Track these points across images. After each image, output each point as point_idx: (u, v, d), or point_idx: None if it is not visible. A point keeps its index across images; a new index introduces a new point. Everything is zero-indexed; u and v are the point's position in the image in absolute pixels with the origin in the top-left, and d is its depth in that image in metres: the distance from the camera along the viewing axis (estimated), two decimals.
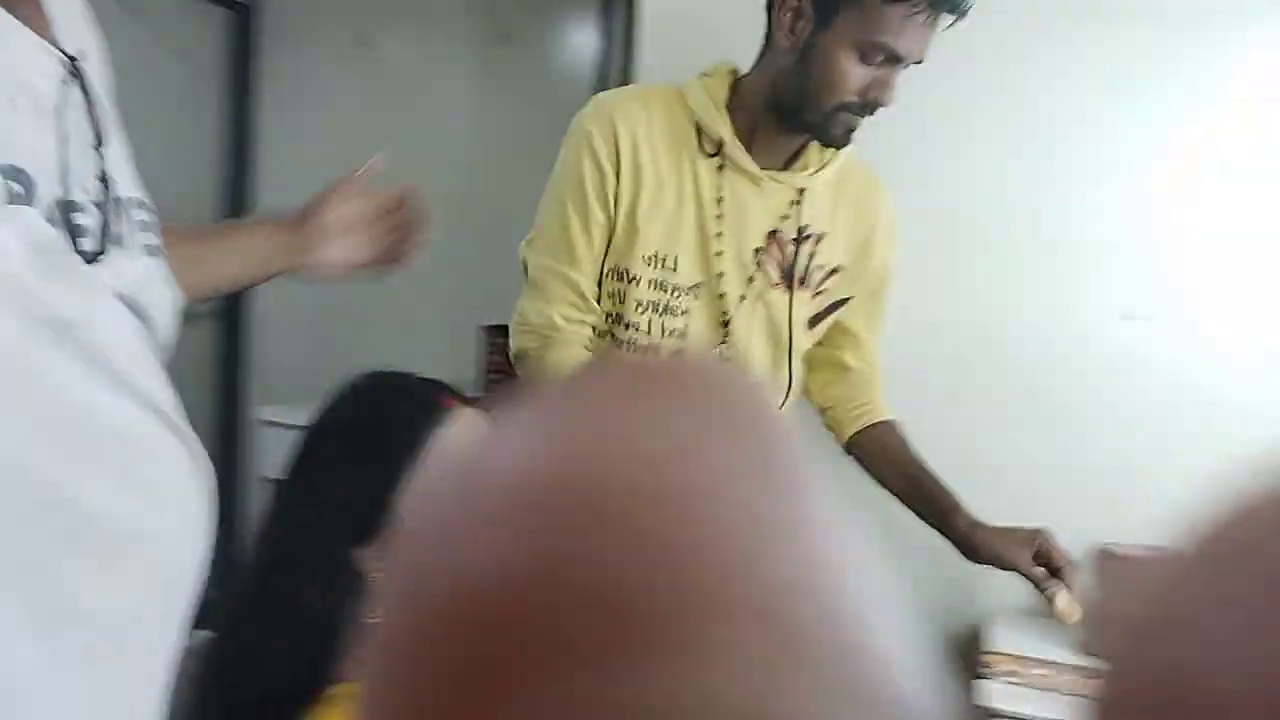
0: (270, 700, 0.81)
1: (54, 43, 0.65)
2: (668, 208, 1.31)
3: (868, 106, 1.23)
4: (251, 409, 2.81)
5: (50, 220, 0.60)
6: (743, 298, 1.37)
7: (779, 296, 1.39)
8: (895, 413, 1.48)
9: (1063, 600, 1.24)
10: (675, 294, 1.34)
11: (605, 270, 1.34)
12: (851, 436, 1.49)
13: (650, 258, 1.32)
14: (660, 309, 1.34)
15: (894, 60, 1.20)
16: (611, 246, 1.33)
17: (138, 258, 0.68)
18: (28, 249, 0.57)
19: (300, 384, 2.79)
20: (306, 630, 0.81)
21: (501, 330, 2.58)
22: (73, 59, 0.65)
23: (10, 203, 0.57)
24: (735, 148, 1.31)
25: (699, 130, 1.31)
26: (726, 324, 1.37)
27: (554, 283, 1.33)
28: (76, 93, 0.65)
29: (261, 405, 2.72)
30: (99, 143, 0.66)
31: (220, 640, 0.84)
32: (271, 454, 2.63)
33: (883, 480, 1.44)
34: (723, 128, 1.30)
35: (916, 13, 1.16)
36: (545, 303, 1.33)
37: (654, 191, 1.31)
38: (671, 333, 1.34)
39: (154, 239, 0.71)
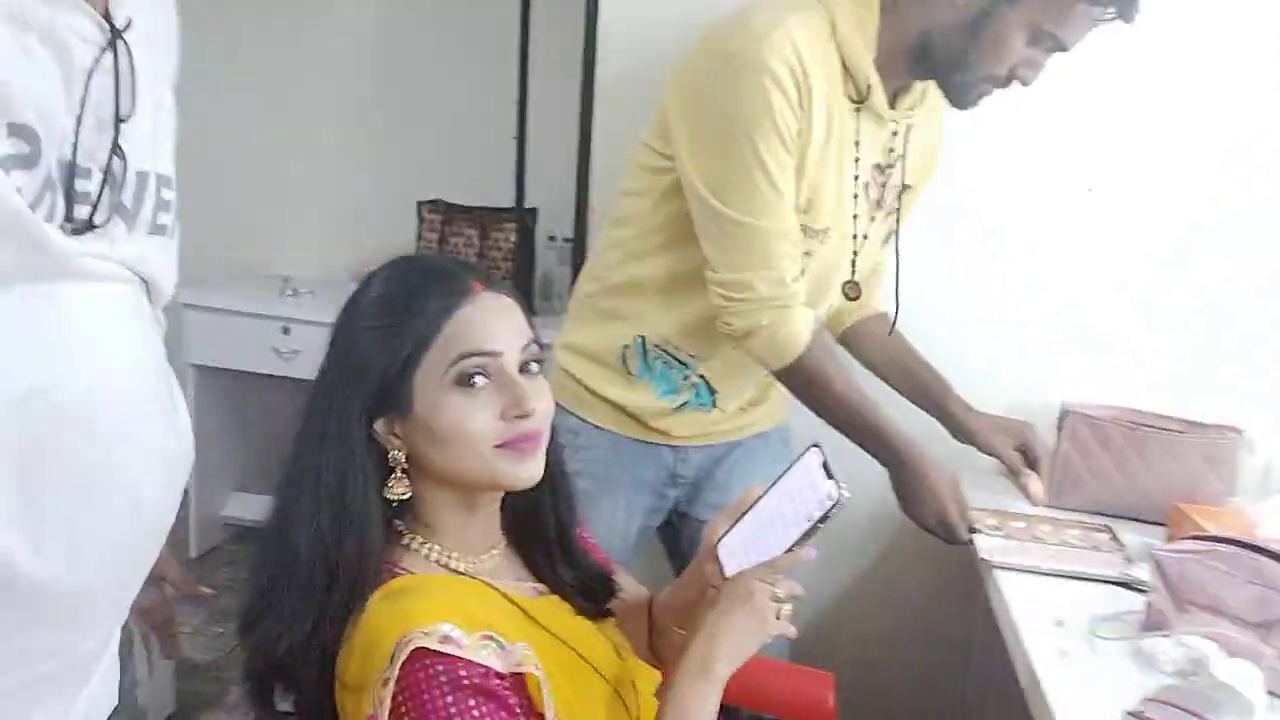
0: (298, 589, 0.85)
1: (106, 11, 0.64)
2: (816, 153, 1.26)
3: (1008, 81, 1.23)
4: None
5: (49, 182, 0.59)
6: (866, 236, 1.38)
7: (874, 224, 1.40)
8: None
9: (1034, 488, 1.48)
10: (808, 238, 1.30)
11: None
12: (845, 329, 1.55)
13: (799, 203, 1.27)
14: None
15: (1057, 49, 1.21)
16: None
17: (142, 232, 0.68)
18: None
19: (224, 266, 2.80)
20: (322, 502, 0.86)
21: (432, 204, 2.65)
22: (115, 29, 0.64)
23: (12, 159, 0.57)
24: (879, 95, 1.27)
25: (844, 67, 1.25)
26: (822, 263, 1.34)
27: (772, 241, 1.24)
28: (109, 61, 0.64)
29: (183, 288, 2.65)
30: (120, 115, 0.65)
31: (269, 515, 0.90)
32: (190, 337, 2.61)
33: (875, 369, 1.52)
34: (872, 75, 1.25)
35: (1104, 16, 1.17)
36: (769, 267, 1.24)
37: (816, 137, 1.24)
38: (795, 279, 1.28)
39: (169, 217, 0.71)
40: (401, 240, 2.65)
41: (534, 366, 0.91)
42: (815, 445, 0.96)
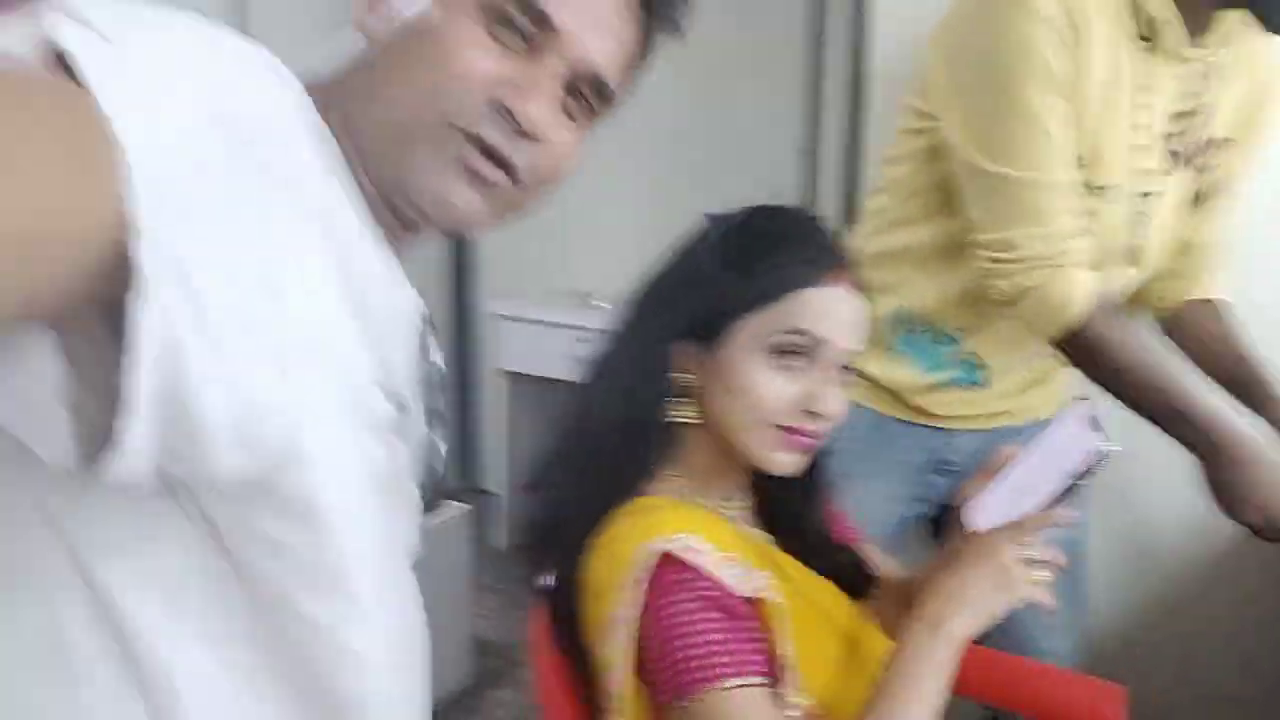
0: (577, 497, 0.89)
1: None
2: (1096, 100, 1.13)
3: None
4: (484, 303, 2.92)
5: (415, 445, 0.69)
6: (1150, 195, 1.21)
7: (1170, 180, 1.23)
8: None
9: None
10: (1090, 196, 1.17)
11: None
12: (1168, 317, 1.36)
13: (1078, 155, 1.14)
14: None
15: None
16: None
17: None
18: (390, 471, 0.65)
19: (533, 281, 2.93)
20: (624, 395, 0.89)
21: None
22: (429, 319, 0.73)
23: (389, 426, 0.64)
24: (1175, 30, 1.12)
25: (1133, 5, 1.12)
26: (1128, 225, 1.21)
27: (1042, 195, 1.13)
28: (427, 331, 0.73)
29: (494, 299, 2.86)
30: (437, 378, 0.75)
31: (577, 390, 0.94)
32: (503, 346, 2.80)
33: (1195, 361, 1.30)
34: (1164, 6, 1.11)
35: None
36: (1039, 224, 1.13)
37: (1096, 81, 1.12)
38: (1072, 236, 1.16)
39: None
40: None
41: (846, 373, 0.90)
42: (1083, 398, 0.88)
